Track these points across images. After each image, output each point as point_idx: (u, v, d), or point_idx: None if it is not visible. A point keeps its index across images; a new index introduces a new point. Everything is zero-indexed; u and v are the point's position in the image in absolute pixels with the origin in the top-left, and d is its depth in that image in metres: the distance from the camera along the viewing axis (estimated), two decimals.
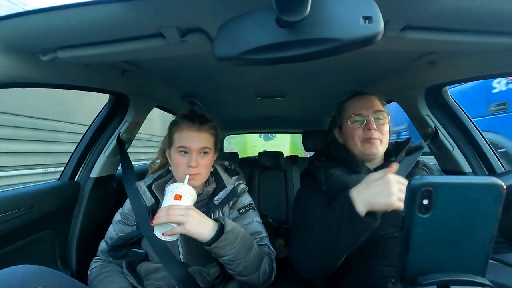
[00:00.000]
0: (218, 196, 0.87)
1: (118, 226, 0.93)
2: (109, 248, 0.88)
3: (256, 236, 0.87)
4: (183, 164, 0.83)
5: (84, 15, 0.54)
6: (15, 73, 0.69)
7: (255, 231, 0.88)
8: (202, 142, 0.85)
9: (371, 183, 0.64)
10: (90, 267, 0.91)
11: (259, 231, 0.88)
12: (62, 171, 1.19)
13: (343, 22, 0.42)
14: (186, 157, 0.84)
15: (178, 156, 0.85)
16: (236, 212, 0.90)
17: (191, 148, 0.83)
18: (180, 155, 0.84)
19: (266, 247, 0.86)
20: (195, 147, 0.83)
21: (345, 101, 0.97)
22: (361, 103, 0.91)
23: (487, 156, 1.08)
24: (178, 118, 0.90)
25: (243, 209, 0.90)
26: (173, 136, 0.87)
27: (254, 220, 0.90)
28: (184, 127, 0.86)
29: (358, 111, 0.89)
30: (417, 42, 0.66)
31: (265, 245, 0.87)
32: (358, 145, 0.89)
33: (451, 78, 0.99)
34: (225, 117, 2.19)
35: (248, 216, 0.90)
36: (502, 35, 0.63)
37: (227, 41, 0.47)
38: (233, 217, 0.89)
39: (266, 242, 0.88)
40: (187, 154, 0.84)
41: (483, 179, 0.36)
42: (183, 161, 0.83)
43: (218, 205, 0.86)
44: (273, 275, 0.82)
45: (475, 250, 0.38)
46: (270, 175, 2.30)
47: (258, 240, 0.86)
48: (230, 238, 0.70)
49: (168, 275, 0.82)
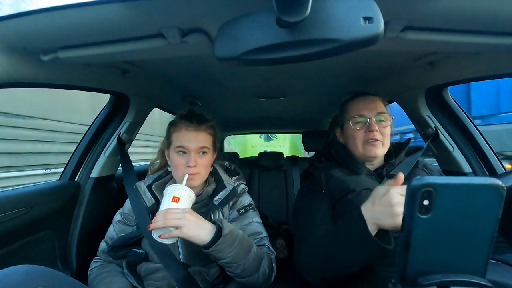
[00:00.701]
0: (218, 197, 0.87)
1: (118, 226, 0.93)
2: (109, 248, 0.88)
3: (256, 236, 0.87)
4: (182, 164, 0.83)
5: (84, 15, 0.54)
6: (16, 73, 0.69)
7: (254, 231, 0.88)
8: (201, 142, 0.85)
9: (377, 200, 0.59)
10: (90, 267, 0.91)
11: (258, 231, 0.88)
12: (62, 171, 1.19)
13: (344, 23, 0.42)
14: (185, 157, 0.84)
15: (176, 156, 0.85)
16: (236, 212, 0.89)
17: (190, 148, 0.83)
18: (179, 155, 0.84)
19: (266, 247, 0.86)
20: (193, 147, 0.83)
21: (348, 101, 0.95)
22: (364, 104, 0.89)
23: (487, 156, 1.08)
24: (177, 118, 0.90)
25: (242, 209, 0.90)
26: (172, 137, 0.87)
27: (253, 221, 0.90)
28: (182, 127, 0.85)
29: (361, 112, 0.88)
30: (417, 42, 0.66)
31: (265, 245, 0.86)
32: (359, 147, 0.88)
33: (452, 78, 0.99)
34: (225, 117, 2.19)
35: (248, 217, 0.90)
36: (503, 36, 0.63)
37: (227, 41, 0.47)
38: (233, 217, 0.89)
39: (266, 242, 0.87)
40: (186, 154, 0.84)
41: (484, 179, 0.36)
42: (182, 161, 0.83)
43: (218, 205, 0.86)
44: (272, 275, 0.82)
45: (475, 251, 0.38)
46: (271, 175, 2.30)
47: (257, 240, 0.86)
48: (228, 241, 0.70)
49: (168, 275, 0.82)
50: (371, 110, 0.87)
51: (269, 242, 0.89)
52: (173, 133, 0.87)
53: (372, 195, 0.62)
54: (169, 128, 0.90)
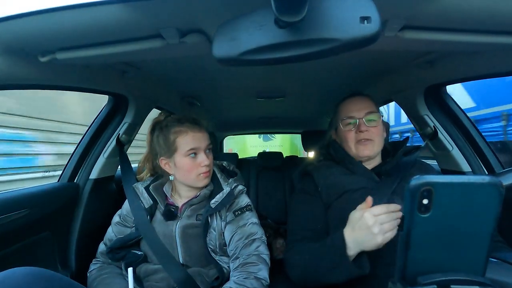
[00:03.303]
0: (215, 199, 0.86)
1: (116, 227, 0.93)
2: (108, 250, 0.88)
3: (250, 237, 0.87)
4: (195, 165, 0.86)
5: (82, 16, 0.54)
6: (13, 74, 0.69)
7: (250, 232, 0.87)
8: (206, 139, 0.90)
9: (356, 225, 0.65)
10: (89, 269, 0.91)
11: (252, 232, 0.88)
12: (61, 173, 1.19)
13: (342, 22, 0.42)
14: (197, 158, 0.86)
15: (188, 160, 0.86)
16: (232, 214, 0.89)
17: (201, 147, 0.87)
18: (190, 158, 0.86)
19: (260, 246, 0.86)
20: (203, 146, 0.88)
21: (339, 104, 0.98)
22: (352, 105, 0.91)
23: (486, 155, 1.08)
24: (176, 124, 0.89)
25: (239, 211, 0.90)
26: (176, 143, 0.86)
27: (249, 222, 0.89)
28: (187, 131, 0.87)
29: (350, 113, 0.90)
30: (416, 42, 0.66)
31: (258, 245, 0.86)
32: (352, 148, 0.90)
33: (450, 77, 0.99)
34: (224, 118, 2.19)
35: (244, 218, 0.89)
36: (501, 35, 0.63)
37: (226, 41, 0.47)
38: (229, 219, 0.89)
39: (259, 242, 0.87)
40: (196, 155, 0.86)
41: (483, 178, 0.36)
42: (195, 162, 0.86)
43: (214, 208, 0.86)
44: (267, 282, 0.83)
45: (475, 249, 0.38)
46: (270, 175, 2.30)
47: (250, 241, 0.86)
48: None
49: (167, 276, 0.82)
50: (360, 111, 0.89)
51: (264, 241, 0.88)
52: (178, 139, 0.86)
53: (349, 221, 0.68)
54: (168, 136, 0.88)
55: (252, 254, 0.83)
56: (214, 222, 0.87)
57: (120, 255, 0.88)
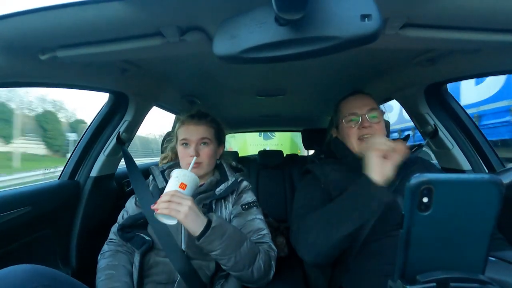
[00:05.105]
0: (219, 188, 0.92)
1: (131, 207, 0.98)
2: (120, 227, 0.92)
3: (258, 233, 0.88)
4: (185, 154, 0.92)
5: (83, 14, 0.54)
6: (14, 72, 0.69)
7: (257, 227, 0.89)
8: (200, 133, 0.93)
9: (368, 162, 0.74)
10: (102, 250, 0.93)
11: (261, 228, 0.89)
12: (62, 170, 1.19)
13: (342, 20, 0.42)
14: (187, 149, 0.92)
15: (181, 149, 0.94)
16: (239, 208, 0.91)
17: (191, 139, 0.92)
18: (183, 147, 0.94)
19: (267, 244, 0.87)
20: (194, 139, 0.92)
21: (340, 102, 0.98)
22: (355, 103, 0.92)
23: (486, 154, 1.08)
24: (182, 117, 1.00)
25: (246, 205, 0.93)
26: (177, 132, 0.98)
27: (257, 217, 0.91)
28: (185, 123, 0.96)
29: (353, 110, 0.90)
30: (416, 40, 0.66)
31: (266, 242, 0.87)
32: (354, 144, 0.89)
33: (451, 75, 0.99)
34: (225, 116, 2.18)
35: (252, 213, 0.92)
36: (502, 33, 0.62)
37: (226, 39, 0.47)
38: (236, 212, 0.91)
39: (267, 239, 0.88)
40: (188, 145, 0.92)
41: (483, 176, 0.36)
42: (185, 152, 0.93)
43: (219, 195, 0.90)
44: (271, 273, 0.82)
45: (474, 248, 0.39)
46: (270, 173, 2.30)
47: (260, 237, 0.87)
48: (217, 234, 0.73)
49: (168, 269, 0.83)
50: (363, 107, 0.89)
51: (271, 240, 0.90)
52: (178, 129, 0.97)
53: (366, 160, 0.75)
54: (175, 126, 1.02)
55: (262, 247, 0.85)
56: (219, 212, 0.90)
57: (129, 235, 0.90)
